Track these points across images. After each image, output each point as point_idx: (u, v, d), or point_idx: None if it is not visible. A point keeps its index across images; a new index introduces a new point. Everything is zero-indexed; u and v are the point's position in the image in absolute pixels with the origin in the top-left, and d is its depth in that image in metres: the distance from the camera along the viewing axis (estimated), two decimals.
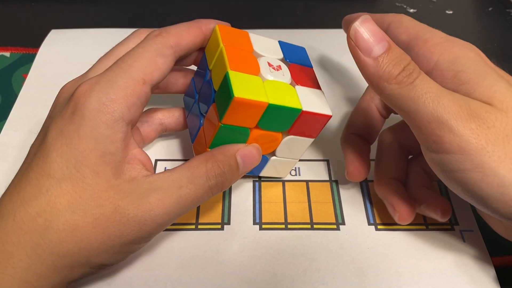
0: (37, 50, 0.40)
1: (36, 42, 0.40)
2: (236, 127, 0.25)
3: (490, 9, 0.47)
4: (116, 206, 0.22)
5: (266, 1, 0.48)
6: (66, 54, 0.39)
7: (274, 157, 0.28)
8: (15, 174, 0.23)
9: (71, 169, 0.22)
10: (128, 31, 0.42)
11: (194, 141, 0.28)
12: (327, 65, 0.40)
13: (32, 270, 0.21)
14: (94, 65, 0.26)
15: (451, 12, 0.46)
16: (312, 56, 0.30)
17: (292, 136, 0.27)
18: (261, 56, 0.27)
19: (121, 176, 0.23)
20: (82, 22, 0.44)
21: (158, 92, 0.29)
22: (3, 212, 0.21)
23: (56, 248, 0.21)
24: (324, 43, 0.42)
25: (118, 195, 0.22)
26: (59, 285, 0.22)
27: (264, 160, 0.28)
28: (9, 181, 0.23)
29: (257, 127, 0.25)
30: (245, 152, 0.25)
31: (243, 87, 0.23)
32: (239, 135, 0.25)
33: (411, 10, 0.46)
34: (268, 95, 0.24)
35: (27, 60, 0.39)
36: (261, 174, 0.30)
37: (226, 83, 0.24)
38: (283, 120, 0.25)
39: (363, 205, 0.30)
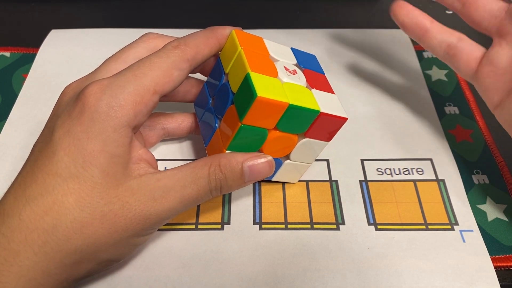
0: (37, 50, 0.40)
1: (36, 42, 0.40)
2: (256, 127, 0.25)
3: None
4: (124, 203, 0.22)
5: (266, 1, 0.48)
6: (66, 54, 0.39)
7: (288, 161, 0.28)
8: (17, 173, 0.23)
9: (78, 168, 0.22)
10: (128, 31, 0.42)
11: (207, 144, 0.28)
12: (327, 65, 0.40)
13: (39, 268, 0.21)
14: (101, 66, 0.26)
15: (451, 12, 0.46)
16: None
17: (308, 139, 0.27)
18: (277, 60, 0.27)
19: (129, 175, 0.23)
20: (82, 22, 0.44)
21: (165, 100, 0.30)
22: (8, 210, 0.21)
23: (64, 246, 0.21)
24: (324, 43, 0.42)
25: (126, 192, 0.23)
26: (65, 282, 0.22)
27: (278, 164, 0.28)
28: (9, 181, 0.23)
29: (275, 128, 0.26)
30: (255, 163, 0.26)
31: (264, 87, 0.24)
32: (257, 137, 0.26)
33: None
34: (288, 96, 0.25)
35: (27, 60, 0.39)
36: (274, 179, 0.30)
37: (247, 84, 0.24)
38: (301, 121, 0.26)
39: (363, 205, 0.30)
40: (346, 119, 0.27)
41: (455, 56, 0.30)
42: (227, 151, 0.26)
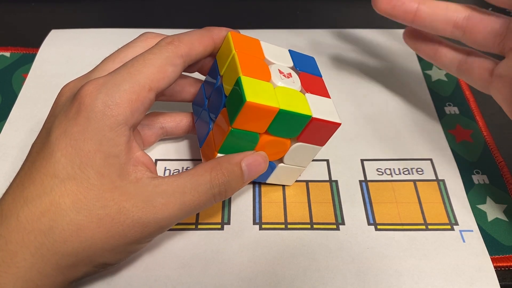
0: (37, 50, 0.40)
1: (36, 42, 0.40)
2: (246, 132, 0.25)
3: (490, 9, 0.47)
4: (121, 207, 0.22)
5: (266, 1, 0.48)
6: (66, 54, 0.39)
7: (281, 164, 0.28)
8: (16, 174, 0.23)
9: (75, 169, 0.22)
10: (128, 31, 0.42)
11: (202, 145, 0.28)
12: (326, 65, 0.40)
13: (35, 269, 0.21)
14: (98, 65, 0.26)
15: None
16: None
17: (300, 143, 0.27)
18: (272, 63, 0.27)
19: (126, 178, 0.23)
20: (82, 22, 0.44)
21: (163, 99, 0.29)
22: (6, 211, 0.21)
23: (60, 248, 0.21)
24: (324, 43, 0.42)
25: (123, 197, 0.22)
26: (62, 284, 0.22)
27: (272, 167, 0.28)
28: (9, 181, 0.23)
29: (266, 132, 0.26)
30: (251, 160, 0.26)
31: (255, 92, 0.24)
32: (249, 140, 0.26)
33: None
34: (279, 101, 0.24)
35: (27, 60, 0.39)
36: (268, 181, 0.30)
37: (238, 88, 0.24)
38: (293, 126, 0.26)
39: (363, 205, 0.30)
40: (339, 124, 0.26)
41: (468, 71, 0.30)
42: (218, 154, 0.26)
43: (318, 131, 0.26)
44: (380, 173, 0.32)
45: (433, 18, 0.29)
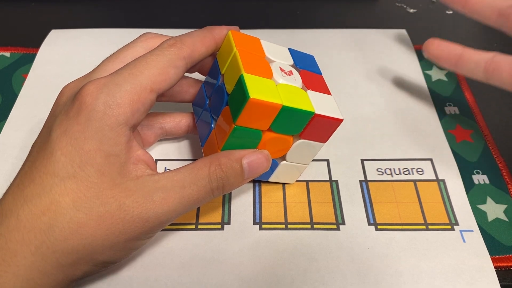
0: (37, 50, 0.40)
1: (36, 42, 0.40)
2: (249, 129, 0.25)
3: None
4: (121, 204, 0.22)
5: (266, 1, 0.48)
6: (66, 54, 0.39)
7: (284, 162, 0.28)
8: (16, 173, 0.23)
9: (75, 168, 0.22)
10: (128, 31, 0.42)
11: (204, 145, 0.28)
12: (326, 65, 0.40)
13: (35, 268, 0.21)
14: (98, 66, 0.26)
15: (451, 12, 0.46)
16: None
17: (303, 140, 0.27)
18: (273, 61, 0.27)
19: (126, 176, 0.23)
20: (82, 22, 0.44)
21: (163, 100, 0.30)
22: (6, 211, 0.21)
23: (61, 246, 0.21)
24: (324, 43, 0.42)
25: (123, 193, 0.22)
26: (62, 283, 0.22)
27: (274, 165, 0.28)
28: (10, 181, 0.23)
29: (269, 129, 0.26)
30: (253, 158, 0.26)
31: (258, 89, 0.24)
32: (252, 138, 0.26)
33: (411, 10, 0.46)
34: (282, 98, 0.24)
35: (27, 60, 0.39)
36: (270, 180, 0.30)
37: (241, 85, 0.24)
38: (296, 123, 0.26)
39: (363, 205, 0.30)
40: (341, 120, 0.26)
41: (496, 70, 0.29)
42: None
43: (321, 128, 0.27)
44: (380, 173, 0.32)
45: (480, 6, 0.31)
